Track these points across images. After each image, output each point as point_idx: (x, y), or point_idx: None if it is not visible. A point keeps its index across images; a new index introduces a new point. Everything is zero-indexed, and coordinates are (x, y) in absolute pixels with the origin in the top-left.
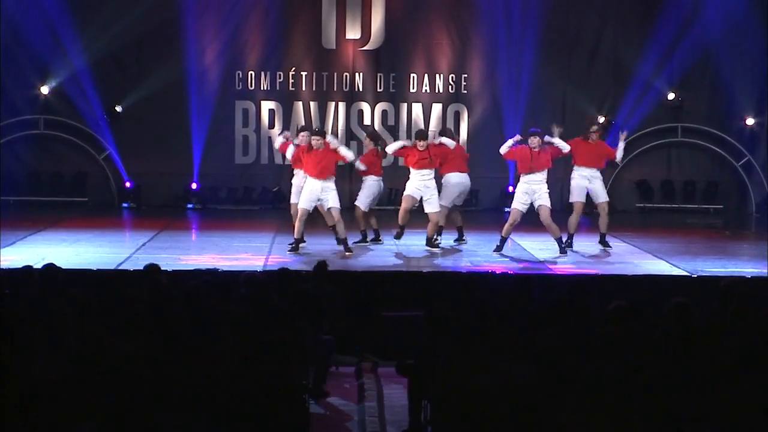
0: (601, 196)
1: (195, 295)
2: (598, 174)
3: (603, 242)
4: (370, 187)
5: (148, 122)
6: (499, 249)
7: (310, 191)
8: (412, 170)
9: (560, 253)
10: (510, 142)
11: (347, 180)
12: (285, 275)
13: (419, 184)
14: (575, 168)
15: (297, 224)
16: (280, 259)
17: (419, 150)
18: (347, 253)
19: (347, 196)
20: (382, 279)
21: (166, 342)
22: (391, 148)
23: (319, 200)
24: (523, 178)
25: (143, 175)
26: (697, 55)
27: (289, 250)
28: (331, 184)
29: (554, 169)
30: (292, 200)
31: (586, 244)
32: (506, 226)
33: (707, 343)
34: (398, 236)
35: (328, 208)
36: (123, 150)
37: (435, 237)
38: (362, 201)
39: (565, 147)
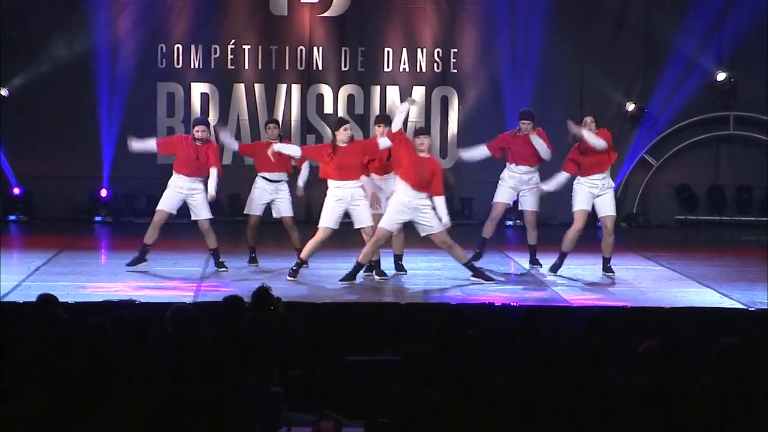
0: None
1: (102, 335)
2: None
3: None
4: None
5: (42, 111)
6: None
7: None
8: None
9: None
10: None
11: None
12: (234, 306)
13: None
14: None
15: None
16: (216, 287)
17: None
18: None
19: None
20: (347, 313)
21: (64, 398)
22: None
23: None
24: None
25: (36, 179)
26: (754, 24)
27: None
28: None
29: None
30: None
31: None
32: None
33: (765, 396)
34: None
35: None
36: (9, 146)
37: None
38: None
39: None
